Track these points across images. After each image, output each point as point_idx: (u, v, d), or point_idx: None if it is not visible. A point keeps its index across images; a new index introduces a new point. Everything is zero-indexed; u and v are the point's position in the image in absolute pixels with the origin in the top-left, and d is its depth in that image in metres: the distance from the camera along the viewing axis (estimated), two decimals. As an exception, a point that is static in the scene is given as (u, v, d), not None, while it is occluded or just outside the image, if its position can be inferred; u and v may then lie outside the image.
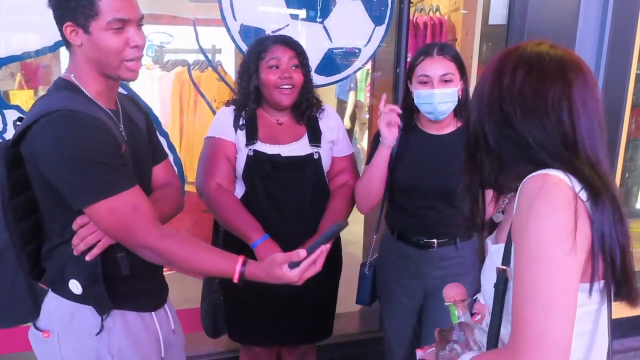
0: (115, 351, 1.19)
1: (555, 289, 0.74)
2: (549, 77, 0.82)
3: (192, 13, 2.40)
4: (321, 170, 1.72)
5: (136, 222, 1.08)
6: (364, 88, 4.23)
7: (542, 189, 0.77)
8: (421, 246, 1.66)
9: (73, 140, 1.02)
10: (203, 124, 2.51)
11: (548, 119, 0.81)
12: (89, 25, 1.07)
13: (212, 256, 1.17)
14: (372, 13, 2.19)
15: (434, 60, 1.56)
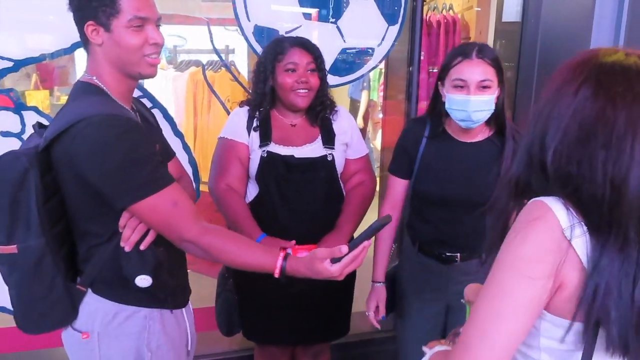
0: (153, 348, 1.22)
1: (492, 317, 0.74)
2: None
3: (205, 13, 2.41)
4: (335, 172, 1.72)
5: (177, 217, 1.11)
6: (377, 87, 4.22)
7: (529, 218, 0.75)
8: (443, 260, 1.58)
9: (116, 143, 1.06)
10: (217, 124, 2.53)
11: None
12: (110, 23, 1.10)
13: (254, 250, 1.19)
14: (385, 12, 2.19)
15: (472, 63, 1.42)
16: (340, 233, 1.68)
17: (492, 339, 0.73)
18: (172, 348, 1.27)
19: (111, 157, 1.05)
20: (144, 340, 1.22)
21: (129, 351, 1.21)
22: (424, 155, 1.57)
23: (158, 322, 1.23)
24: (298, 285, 1.70)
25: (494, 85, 1.44)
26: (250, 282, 1.76)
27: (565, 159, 0.74)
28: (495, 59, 1.44)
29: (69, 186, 1.13)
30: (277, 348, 1.88)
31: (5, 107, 1.88)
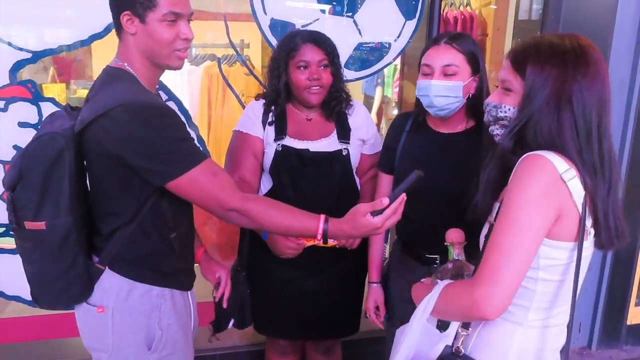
0: (164, 326, 1.27)
1: (515, 244, 0.93)
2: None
3: (221, 7, 2.41)
4: (349, 167, 1.71)
5: (219, 187, 1.16)
6: (392, 83, 4.19)
7: (531, 166, 0.94)
8: (423, 262, 1.55)
9: (156, 124, 1.11)
10: (231, 118, 2.53)
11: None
12: (146, 15, 1.15)
13: (296, 214, 1.22)
14: (403, 7, 2.16)
15: (439, 49, 1.42)
16: None
17: (515, 263, 0.92)
18: (182, 327, 1.31)
19: (153, 137, 1.11)
20: (156, 318, 1.26)
21: (140, 327, 1.25)
22: (403, 148, 1.56)
23: (169, 301, 1.28)
24: (310, 280, 1.71)
25: (461, 72, 1.41)
26: (262, 276, 1.76)
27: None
28: (468, 48, 1.42)
29: (99, 167, 1.19)
30: (287, 342, 1.88)
31: (23, 98, 1.90)
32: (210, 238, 2.99)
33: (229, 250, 2.73)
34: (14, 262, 1.97)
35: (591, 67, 0.97)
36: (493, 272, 0.92)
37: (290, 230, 1.24)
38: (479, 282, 0.94)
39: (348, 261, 1.71)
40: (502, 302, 0.92)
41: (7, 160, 1.92)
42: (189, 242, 1.37)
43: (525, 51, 1.02)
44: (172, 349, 1.29)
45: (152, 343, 1.26)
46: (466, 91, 1.44)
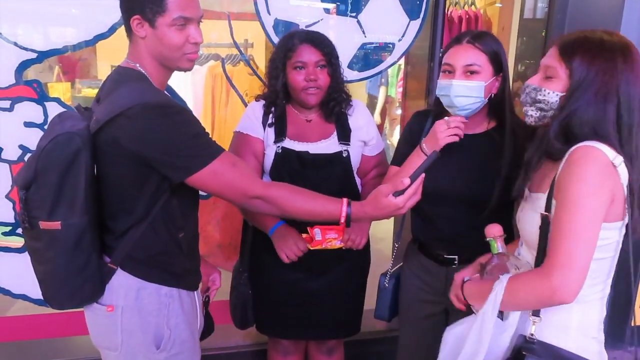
0: (172, 325, 1.28)
1: (585, 230, 1.00)
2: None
3: (225, 7, 2.41)
4: (350, 168, 1.71)
5: (239, 176, 1.19)
6: (395, 83, 4.18)
7: (586, 157, 1.01)
8: (441, 262, 1.54)
9: (174, 122, 1.14)
10: (234, 118, 2.53)
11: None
12: (155, 20, 1.17)
13: (318, 199, 1.26)
14: (407, 7, 2.16)
15: (461, 48, 1.39)
16: (360, 227, 1.68)
17: (586, 247, 1.00)
18: (189, 326, 1.32)
19: (173, 133, 1.13)
20: (164, 317, 1.27)
21: (148, 326, 1.26)
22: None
23: (177, 301, 1.29)
24: (312, 280, 1.71)
25: (483, 72, 1.38)
26: (263, 276, 1.76)
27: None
28: (490, 47, 1.39)
29: (115, 167, 1.19)
30: (290, 342, 1.89)
31: (29, 98, 1.91)
32: (213, 238, 3.00)
33: (231, 250, 2.74)
34: (20, 260, 2.00)
35: (636, 64, 1.04)
36: (568, 258, 0.98)
37: (314, 215, 1.25)
38: (554, 269, 0.99)
39: (350, 261, 1.71)
40: (579, 285, 0.99)
41: (14, 160, 1.93)
42: (195, 242, 1.39)
43: (574, 42, 1.07)
44: (180, 348, 1.30)
45: (161, 342, 1.27)
46: (488, 91, 1.41)
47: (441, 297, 1.55)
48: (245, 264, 1.78)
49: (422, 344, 1.64)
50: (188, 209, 1.30)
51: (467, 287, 1.23)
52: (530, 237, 1.15)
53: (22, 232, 1.23)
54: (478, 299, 1.16)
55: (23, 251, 2.02)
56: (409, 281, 1.63)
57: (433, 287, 1.57)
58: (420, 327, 1.63)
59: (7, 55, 1.86)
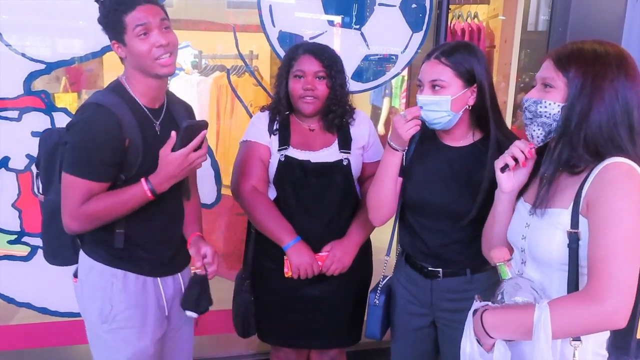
0: (115, 303, 1.42)
1: (632, 249, 0.96)
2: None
3: (230, 19, 2.44)
4: (350, 177, 1.73)
5: (64, 204, 1.33)
6: (399, 94, 4.20)
7: (623, 175, 0.99)
8: (425, 275, 1.52)
9: (80, 124, 1.31)
10: (239, 129, 2.55)
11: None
12: (124, 39, 1.31)
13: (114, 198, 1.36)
14: (410, 19, 2.18)
15: (428, 63, 1.41)
16: (351, 240, 1.69)
17: (634, 267, 0.97)
18: (135, 307, 1.43)
19: (75, 134, 1.30)
20: (108, 295, 1.41)
21: (96, 301, 1.43)
22: (411, 158, 1.52)
23: (121, 281, 1.41)
24: (314, 288, 1.71)
25: (449, 87, 1.38)
26: (265, 284, 1.77)
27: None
28: (457, 62, 1.38)
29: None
30: (291, 351, 1.89)
31: (37, 108, 1.94)
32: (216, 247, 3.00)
33: (235, 259, 2.75)
34: (25, 269, 2.01)
35: (631, 68, 1.05)
36: (618, 281, 0.95)
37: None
38: (606, 294, 0.95)
39: (351, 271, 1.71)
40: (631, 307, 0.95)
41: (21, 169, 1.96)
42: (154, 238, 1.45)
43: (569, 53, 1.08)
44: (122, 324, 1.43)
45: (104, 316, 1.42)
46: (459, 104, 1.40)
47: (428, 309, 1.55)
48: (247, 271, 1.79)
49: (412, 356, 1.64)
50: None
51: (488, 318, 1.07)
52: (545, 254, 1.09)
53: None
54: (505, 330, 1.06)
55: (28, 259, 2.04)
56: (398, 293, 1.62)
57: (419, 300, 1.56)
58: (409, 339, 1.62)
59: (16, 67, 1.89)
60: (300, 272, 1.64)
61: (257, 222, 1.69)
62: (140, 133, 1.34)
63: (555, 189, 1.10)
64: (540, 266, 1.13)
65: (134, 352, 1.44)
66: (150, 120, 1.39)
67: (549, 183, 1.09)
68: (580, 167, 1.06)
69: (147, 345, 1.46)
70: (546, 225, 1.09)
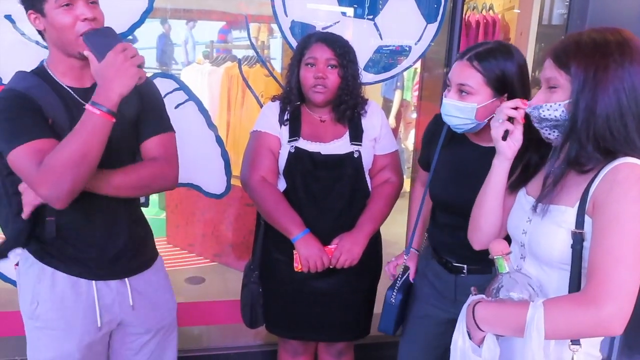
0: (40, 300, 1.34)
1: (635, 255, 0.93)
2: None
3: (243, 9, 2.44)
4: (361, 169, 1.71)
5: (26, 180, 1.20)
6: (411, 87, 4.17)
7: (633, 176, 0.95)
8: (450, 269, 1.51)
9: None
10: (250, 119, 2.55)
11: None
12: (43, 8, 1.18)
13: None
14: (424, 10, 2.15)
15: (460, 64, 1.33)
16: (361, 232, 1.67)
17: (636, 274, 0.93)
18: (60, 309, 1.34)
19: None
20: (36, 291, 1.34)
21: (27, 294, 1.36)
22: (440, 155, 1.49)
23: (48, 280, 1.33)
24: (323, 281, 1.71)
25: (477, 94, 1.31)
26: (274, 276, 1.76)
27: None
28: (490, 68, 1.30)
29: None
30: (299, 343, 1.89)
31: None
32: (225, 237, 3.02)
33: (244, 249, 2.76)
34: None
35: (635, 52, 0.98)
36: (618, 287, 0.91)
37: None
38: (604, 299, 0.91)
39: (360, 264, 1.70)
40: (629, 315, 0.92)
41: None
42: (88, 238, 1.34)
43: (566, 48, 1.03)
44: (44, 324, 1.35)
45: (29, 312, 1.36)
46: (484, 113, 1.33)
47: (448, 304, 1.53)
48: (256, 262, 1.79)
49: (421, 351, 1.63)
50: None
51: (480, 311, 1.06)
52: (546, 253, 1.06)
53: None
54: (497, 325, 1.04)
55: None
56: (421, 286, 1.61)
57: (443, 295, 1.55)
58: (422, 328, 1.61)
59: (29, 54, 1.89)
60: (310, 264, 1.63)
61: (266, 214, 1.69)
62: (67, 113, 1.23)
63: (562, 186, 1.06)
64: (539, 263, 1.10)
65: (54, 355, 1.35)
66: (78, 102, 1.25)
67: (556, 181, 1.05)
68: (590, 165, 1.01)
69: (71, 351, 1.35)
70: (549, 222, 1.06)
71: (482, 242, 1.25)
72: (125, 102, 1.18)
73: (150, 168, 1.34)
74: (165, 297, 1.51)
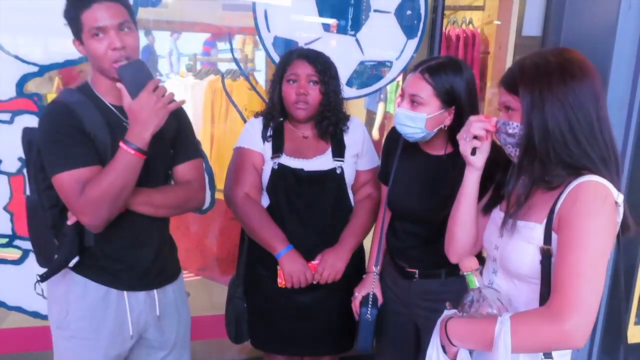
0: (71, 309, 1.38)
1: (596, 271, 0.96)
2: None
3: (226, 21, 2.44)
4: (343, 185, 1.73)
5: (69, 205, 1.28)
6: (394, 100, 4.21)
7: (595, 194, 1.00)
8: (404, 275, 1.57)
9: (47, 121, 1.29)
10: (234, 133, 2.55)
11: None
12: (81, 37, 1.28)
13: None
14: (405, 25, 2.19)
15: (411, 76, 1.40)
16: (343, 247, 1.69)
17: (598, 289, 0.97)
18: (91, 317, 1.38)
19: (44, 134, 1.28)
20: (66, 300, 1.38)
21: (55, 305, 1.41)
22: (398, 163, 1.55)
23: (80, 288, 1.37)
24: (307, 295, 1.71)
25: (429, 105, 1.38)
26: (258, 291, 1.76)
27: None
28: (441, 81, 1.36)
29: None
30: (285, 358, 1.88)
31: (29, 111, 1.93)
32: (210, 251, 3.00)
33: (229, 263, 2.74)
34: (17, 272, 2.00)
35: (576, 68, 1.03)
36: (580, 300, 0.94)
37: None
38: (566, 313, 0.94)
39: (344, 277, 1.71)
40: (591, 328, 0.94)
41: (12, 172, 1.95)
42: (121, 248, 1.39)
43: (513, 74, 1.09)
44: (74, 333, 1.38)
45: (59, 321, 1.39)
46: (434, 123, 1.40)
47: (407, 308, 1.60)
48: (240, 278, 1.79)
49: (395, 353, 1.68)
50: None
51: (451, 327, 1.10)
52: (516, 268, 1.10)
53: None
54: (467, 340, 1.08)
55: (19, 263, 2.02)
56: (385, 289, 1.66)
57: (400, 298, 1.61)
58: (391, 333, 1.65)
59: (9, 69, 1.88)
60: (293, 280, 1.63)
61: (250, 230, 1.69)
62: (108, 129, 1.30)
63: (530, 203, 1.09)
64: (510, 277, 1.14)
65: None
66: (118, 118, 1.34)
67: (523, 198, 1.08)
68: (556, 182, 1.05)
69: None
70: (519, 238, 1.09)
71: (458, 254, 1.28)
72: (165, 124, 1.27)
73: (185, 190, 1.45)
74: (184, 311, 1.58)
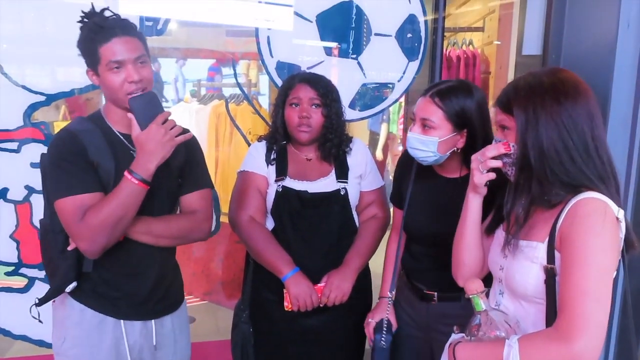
0: (69, 336, 1.40)
1: (601, 288, 0.95)
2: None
3: (230, 47, 2.48)
4: (348, 206, 1.73)
5: (68, 231, 1.30)
6: (397, 120, 4.24)
7: (596, 212, 0.99)
8: (422, 297, 1.55)
9: (50, 149, 1.32)
10: (238, 157, 2.57)
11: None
12: (97, 69, 1.31)
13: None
14: (406, 48, 2.22)
15: (422, 100, 1.41)
16: (349, 268, 1.67)
17: (606, 308, 0.95)
18: (88, 346, 1.38)
19: (48, 160, 1.31)
20: (64, 326, 1.40)
21: (55, 330, 1.43)
22: (413, 187, 1.54)
23: (77, 315, 1.38)
24: (314, 319, 1.70)
25: (440, 128, 1.37)
26: (264, 315, 1.75)
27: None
28: (451, 105, 1.36)
29: None
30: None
31: (36, 140, 1.95)
32: (215, 275, 2.99)
33: (234, 287, 2.73)
34: (22, 301, 1.99)
35: (570, 88, 1.04)
36: (588, 320, 0.93)
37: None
38: (575, 334, 0.92)
39: (350, 299, 1.70)
40: (601, 347, 0.93)
41: (19, 200, 1.96)
42: (119, 277, 1.39)
43: (507, 94, 1.10)
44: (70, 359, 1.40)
45: (57, 346, 1.41)
46: (446, 146, 1.40)
47: (424, 332, 1.57)
48: (246, 302, 1.77)
49: None
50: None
51: (459, 351, 1.09)
52: (522, 288, 1.09)
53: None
54: None
55: (25, 291, 2.02)
56: (400, 312, 1.63)
57: (417, 322, 1.59)
58: (405, 356, 1.61)
59: (16, 98, 1.91)
60: (299, 303, 1.62)
61: (256, 253, 1.68)
62: (113, 157, 1.32)
63: (531, 222, 1.08)
64: (516, 298, 1.13)
65: None
66: (126, 147, 1.36)
67: (523, 218, 1.08)
68: (555, 200, 1.04)
69: None
70: (522, 258, 1.09)
71: (465, 277, 1.25)
72: (172, 153, 1.29)
73: (190, 221, 1.44)
74: (183, 341, 1.55)
